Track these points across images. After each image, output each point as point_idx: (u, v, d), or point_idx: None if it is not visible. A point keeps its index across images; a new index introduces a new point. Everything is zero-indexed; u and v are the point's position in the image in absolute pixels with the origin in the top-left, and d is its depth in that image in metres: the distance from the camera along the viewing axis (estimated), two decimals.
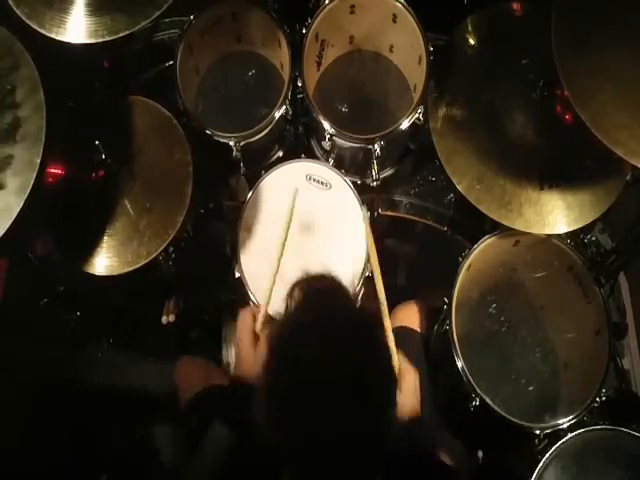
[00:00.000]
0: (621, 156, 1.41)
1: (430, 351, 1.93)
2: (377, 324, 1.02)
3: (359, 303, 1.07)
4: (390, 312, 1.87)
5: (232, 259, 1.79)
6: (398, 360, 1.51)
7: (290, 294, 1.05)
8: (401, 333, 1.82)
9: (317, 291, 1.05)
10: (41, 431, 2.06)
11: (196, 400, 1.69)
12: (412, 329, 1.87)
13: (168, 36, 2.24)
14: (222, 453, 1.33)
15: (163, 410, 2.10)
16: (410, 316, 1.91)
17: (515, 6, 1.90)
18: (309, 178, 1.85)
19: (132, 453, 2.14)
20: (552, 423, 1.69)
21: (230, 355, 2.13)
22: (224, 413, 1.40)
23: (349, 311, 1.03)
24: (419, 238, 2.25)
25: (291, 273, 1.76)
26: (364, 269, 1.76)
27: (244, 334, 1.46)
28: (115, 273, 1.77)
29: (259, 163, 2.06)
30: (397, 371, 1.44)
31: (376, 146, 1.85)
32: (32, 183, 1.37)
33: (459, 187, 1.78)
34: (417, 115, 1.86)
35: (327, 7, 1.94)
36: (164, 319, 2.07)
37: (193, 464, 1.38)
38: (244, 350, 1.45)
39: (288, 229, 1.72)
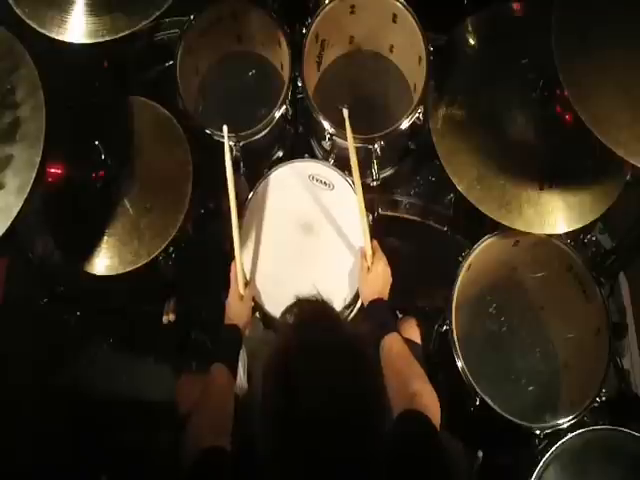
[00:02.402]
0: (621, 156, 1.41)
1: (430, 352, 1.94)
2: (365, 350, 1.08)
3: (349, 327, 1.13)
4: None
5: (232, 258, 1.79)
6: (372, 246, 1.68)
7: (283, 319, 1.15)
8: None
9: (308, 318, 1.12)
10: (41, 431, 2.06)
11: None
12: (413, 341, 1.87)
13: (168, 36, 2.24)
14: None
15: (163, 411, 2.10)
16: (410, 329, 1.91)
17: (515, 6, 1.90)
18: (312, 178, 1.85)
19: (132, 453, 2.14)
20: (552, 423, 1.69)
21: None
22: None
23: (338, 338, 1.07)
24: (419, 238, 2.25)
25: (294, 273, 1.77)
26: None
27: (232, 287, 1.69)
28: (115, 273, 1.77)
29: (259, 163, 2.06)
30: (370, 255, 1.67)
31: (376, 146, 1.85)
32: (31, 183, 1.37)
33: (459, 187, 1.78)
34: (417, 115, 1.86)
35: (327, 7, 1.94)
36: (164, 319, 2.07)
37: None
38: (231, 299, 1.68)
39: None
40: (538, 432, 1.68)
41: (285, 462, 1.01)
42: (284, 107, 1.91)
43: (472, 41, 1.90)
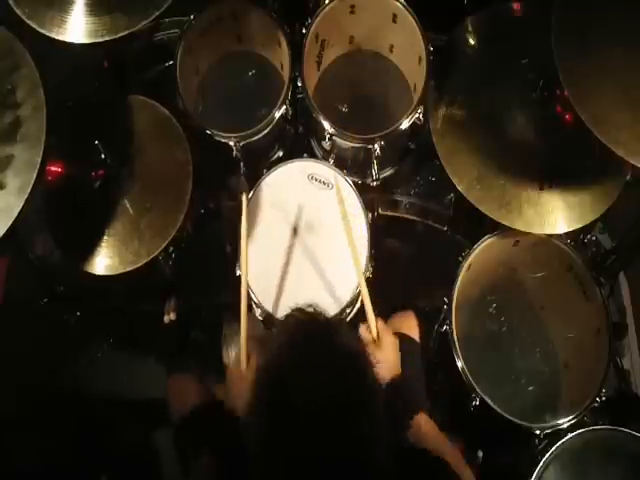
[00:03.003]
0: (621, 156, 1.41)
1: (430, 352, 1.93)
2: (361, 356, 1.08)
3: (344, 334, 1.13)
4: (389, 315, 1.88)
5: (233, 258, 1.79)
6: (376, 323, 1.52)
7: (278, 328, 1.13)
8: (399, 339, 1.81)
9: (304, 326, 1.10)
10: (41, 431, 2.06)
11: (189, 418, 1.64)
12: (410, 337, 1.83)
13: (168, 36, 2.24)
14: None
15: (163, 411, 2.10)
16: (408, 324, 1.88)
17: (515, 6, 1.90)
18: (311, 178, 1.85)
19: (132, 453, 2.14)
20: (552, 423, 1.69)
21: (230, 355, 2.13)
22: (212, 442, 1.44)
23: (333, 345, 1.06)
24: (419, 238, 2.25)
25: (294, 272, 1.77)
26: (365, 269, 1.76)
27: (232, 364, 1.64)
28: (115, 273, 1.78)
29: (259, 163, 2.06)
30: (375, 334, 1.50)
31: (376, 146, 1.85)
32: (32, 183, 1.37)
33: (459, 187, 1.78)
34: (417, 115, 1.86)
35: (327, 7, 1.94)
36: (166, 318, 2.07)
37: None
38: (234, 377, 1.56)
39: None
40: (538, 432, 1.68)
41: (272, 458, 1.01)
42: (284, 107, 1.91)
43: (472, 41, 1.90)
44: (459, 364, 1.72)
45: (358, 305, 1.82)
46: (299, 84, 1.91)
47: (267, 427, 1.00)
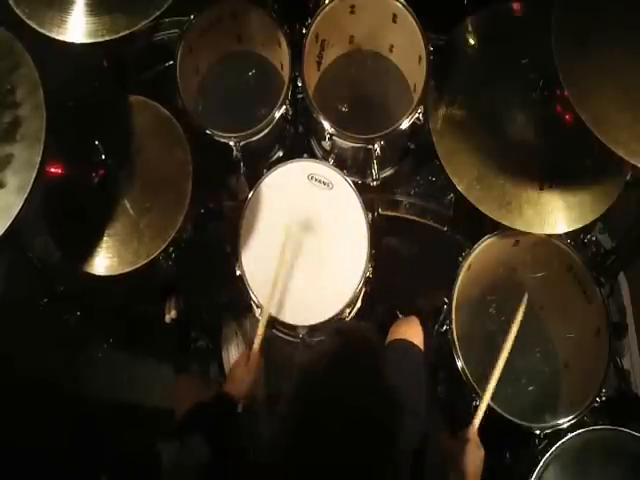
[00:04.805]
0: (621, 156, 1.41)
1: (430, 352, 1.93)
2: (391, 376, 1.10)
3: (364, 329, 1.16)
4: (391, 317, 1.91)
5: (233, 258, 1.80)
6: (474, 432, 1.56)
7: (323, 339, 1.17)
8: (401, 346, 1.79)
9: (346, 341, 1.13)
10: (41, 431, 2.05)
11: (187, 415, 1.66)
12: (414, 344, 1.80)
13: (168, 36, 2.24)
14: (195, 468, 1.43)
15: (163, 411, 2.10)
16: (414, 331, 1.85)
17: (515, 6, 1.90)
18: (311, 178, 1.85)
19: (132, 454, 2.14)
20: (552, 423, 1.69)
21: (230, 355, 2.13)
22: (205, 428, 1.48)
23: (368, 359, 1.10)
24: (419, 238, 2.25)
25: (294, 272, 1.77)
26: (365, 269, 1.76)
27: (240, 357, 1.65)
28: (115, 273, 1.77)
29: (259, 163, 2.07)
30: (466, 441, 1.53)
31: (376, 146, 1.85)
32: (32, 182, 1.37)
33: (459, 187, 1.78)
34: (417, 115, 1.86)
35: (327, 7, 1.94)
36: (167, 318, 2.07)
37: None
38: (239, 358, 1.64)
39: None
40: (538, 432, 1.68)
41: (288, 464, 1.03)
42: (284, 107, 1.91)
43: (472, 41, 1.90)
44: (459, 364, 1.72)
45: (359, 305, 1.82)
46: (299, 84, 1.91)
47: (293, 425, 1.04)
